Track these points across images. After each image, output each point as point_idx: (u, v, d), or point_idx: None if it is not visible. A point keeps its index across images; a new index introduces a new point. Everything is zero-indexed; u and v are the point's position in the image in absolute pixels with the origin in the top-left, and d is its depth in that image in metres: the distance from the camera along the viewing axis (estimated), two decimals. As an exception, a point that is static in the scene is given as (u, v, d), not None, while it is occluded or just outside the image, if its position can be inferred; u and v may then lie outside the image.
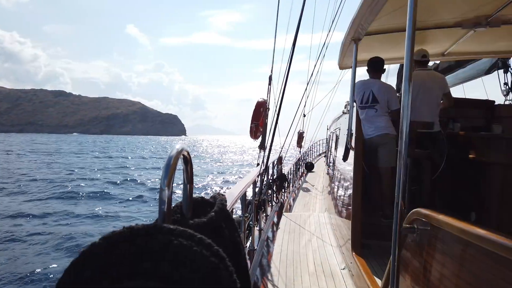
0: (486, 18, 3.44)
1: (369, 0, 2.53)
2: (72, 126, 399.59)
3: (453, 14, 3.50)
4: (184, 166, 0.88)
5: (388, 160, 3.90)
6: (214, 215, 0.89)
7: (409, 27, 1.78)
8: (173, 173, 0.80)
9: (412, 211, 1.64)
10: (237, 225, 1.04)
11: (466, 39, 4.17)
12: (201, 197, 0.99)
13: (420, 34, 4.11)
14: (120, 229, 0.59)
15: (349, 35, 3.46)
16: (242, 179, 4.25)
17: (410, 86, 1.81)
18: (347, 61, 4.44)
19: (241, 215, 3.47)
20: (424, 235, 1.59)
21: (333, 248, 4.24)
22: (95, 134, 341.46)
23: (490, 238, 1.14)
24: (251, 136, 5.32)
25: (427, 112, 4.13)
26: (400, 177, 1.79)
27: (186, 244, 0.61)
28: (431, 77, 4.29)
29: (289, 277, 3.52)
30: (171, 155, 0.81)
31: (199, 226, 0.84)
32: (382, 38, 4.00)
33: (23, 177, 26.82)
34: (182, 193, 0.92)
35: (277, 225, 5.54)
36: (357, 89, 4.06)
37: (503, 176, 3.51)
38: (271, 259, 4.01)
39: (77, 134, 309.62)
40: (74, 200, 19.11)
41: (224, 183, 27.58)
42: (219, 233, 0.90)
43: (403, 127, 1.79)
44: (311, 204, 8.12)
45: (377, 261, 3.32)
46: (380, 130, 3.97)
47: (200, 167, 42.45)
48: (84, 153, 63.96)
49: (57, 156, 54.92)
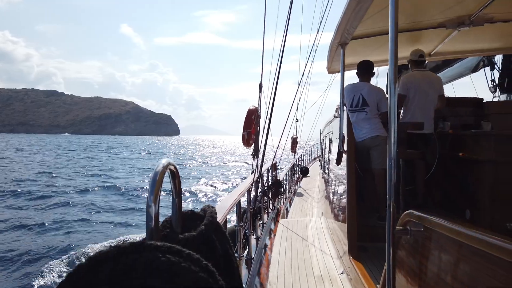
0: (469, 18, 3.50)
1: (353, 5, 2.56)
2: (64, 126, 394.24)
3: (436, 15, 3.55)
4: (171, 181, 0.88)
5: (381, 161, 3.92)
6: (203, 229, 0.88)
7: (391, 30, 1.80)
8: (159, 189, 0.79)
9: (405, 213, 1.64)
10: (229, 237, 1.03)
11: (451, 39, 4.23)
12: (190, 210, 0.99)
13: (407, 36, 4.17)
14: (106, 248, 0.59)
15: (336, 40, 3.49)
16: (236, 188, 4.23)
17: (396, 89, 1.83)
18: (335, 65, 4.48)
19: (236, 224, 3.45)
20: (417, 236, 1.59)
21: (331, 253, 4.23)
22: (87, 134, 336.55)
23: (482, 238, 1.14)
24: (244, 144, 5.31)
25: (422, 113, 4.17)
26: (391, 179, 1.80)
27: (174, 260, 0.61)
28: (428, 78, 4.33)
29: (288, 285, 3.50)
30: (157, 170, 0.81)
31: (189, 240, 0.84)
32: (369, 41, 4.04)
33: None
34: (171, 207, 0.92)
35: (274, 232, 5.53)
36: (347, 93, 4.09)
37: (494, 173, 3.53)
38: (269, 267, 3.99)
39: (67, 135, 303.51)
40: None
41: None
42: (210, 246, 0.90)
43: (391, 129, 1.81)
44: (308, 209, 8.11)
45: (375, 264, 3.32)
46: (371, 132, 3.99)
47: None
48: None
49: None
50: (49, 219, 15.45)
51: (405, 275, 1.73)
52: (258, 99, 5.45)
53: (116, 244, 0.61)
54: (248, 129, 5.20)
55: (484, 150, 3.62)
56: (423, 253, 1.54)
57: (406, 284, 1.70)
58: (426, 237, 1.52)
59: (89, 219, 15.78)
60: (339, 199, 4.50)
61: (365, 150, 4.09)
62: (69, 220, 15.36)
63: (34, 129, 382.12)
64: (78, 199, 20.42)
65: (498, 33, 4.21)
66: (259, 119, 5.37)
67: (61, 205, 18.54)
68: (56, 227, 14.36)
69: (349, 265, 3.30)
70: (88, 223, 15.24)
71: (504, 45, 4.79)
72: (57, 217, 15.92)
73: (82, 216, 16.31)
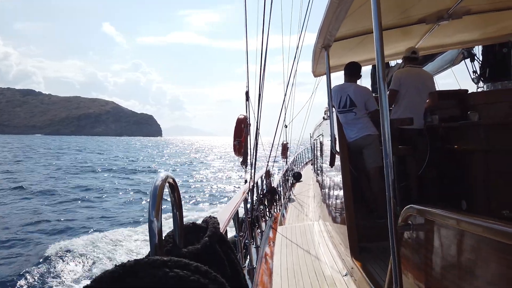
0: (447, 11, 3.56)
1: (334, 7, 2.59)
2: (40, 127, 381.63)
3: (415, 11, 3.61)
4: (170, 194, 0.86)
5: (374, 160, 3.94)
6: (207, 240, 0.87)
7: (375, 28, 1.82)
8: (160, 203, 0.77)
9: (406, 208, 1.64)
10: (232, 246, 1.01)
11: (432, 34, 4.30)
12: (192, 223, 0.97)
13: (387, 33, 4.22)
14: (112, 268, 0.57)
15: (319, 43, 3.52)
16: (232, 198, 4.20)
17: (385, 86, 1.84)
18: (320, 68, 4.51)
19: (236, 235, 3.41)
20: (420, 230, 1.59)
21: (332, 256, 4.21)
22: (65, 135, 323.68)
23: (484, 225, 1.14)
24: (235, 153, 5.31)
25: (413, 109, 4.21)
26: (389, 176, 1.80)
27: (182, 274, 0.59)
28: (421, 75, 4.39)
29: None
30: (156, 184, 0.79)
31: (193, 253, 0.82)
32: (351, 42, 4.08)
33: None
34: (173, 221, 0.89)
35: (273, 240, 5.49)
36: (334, 94, 4.11)
37: (485, 162, 3.57)
38: (271, 275, 3.95)
39: (41, 136, 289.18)
40: None
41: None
42: (215, 257, 0.88)
43: (384, 126, 1.81)
44: (304, 213, 8.10)
45: (378, 263, 3.31)
46: (362, 132, 4.01)
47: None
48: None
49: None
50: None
51: (411, 270, 1.72)
52: (246, 108, 5.45)
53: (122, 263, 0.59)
54: (239, 138, 5.20)
55: (474, 140, 3.66)
56: (427, 247, 1.54)
57: (412, 280, 1.69)
58: (428, 230, 1.52)
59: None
60: (335, 201, 4.50)
61: (358, 149, 4.10)
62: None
63: (9, 129, 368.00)
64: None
65: (477, 25, 4.29)
66: (248, 127, 5.37)
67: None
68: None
69: (352, 266, 3.28)
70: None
71: (482, 36, 4.89)
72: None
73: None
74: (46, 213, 17.54)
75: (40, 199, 21.25)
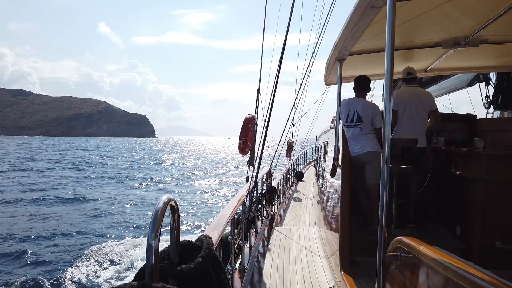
0: (464, 39, 3.57)
1: (350, 26, 2.62)
2: (30, 127, 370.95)
3: (432, 36, 3.62)
4: (171, 215, 0.92)
5: (375, 176, 3.97)
6: (201, 261, 0.93)
7: (388, 51, 1.85)
8: (160, 226, 0.83)
9: (395, 239, 1.68)
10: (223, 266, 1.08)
11: (447, 57, 4.31)
12: (188, 241, 1.03)
13: (404, 53, 4.24)
14: None
15: (333, 56, 3.55)
16: (232, 200, 4.25)
17: (391, 105, 1.88)
18: (332, 78, 4.54)
19: (230, 237, 3.47)
20: (407, 263, 1.63)
21: (322, 265, 4.27)
22: (56, 136, 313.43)
23: (472, 279, 1.13)
24: (240, 152, 5.35)
25: (413, 128, 4.25)
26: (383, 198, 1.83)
27: None
28: (417, 94, 4.41)
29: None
30: (158, 207, 0.85)
31: (186, 272, 0.88)
32: (366, 57, 4.10)
33: None
34: (170, 239, 0.96)
35: (267, 240, 5.55)
36: (342, 108, 4.15)
37: (485, 192, 3.59)
38: (262, 275, 4.03)
39: (28, 137, 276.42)
40: None
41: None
42: (206, 277, 0.94)
43: (384, 145, 1.84)
44: (302, 215, 8.14)
45: (365, 279, 3.37)
46: (365, 148, 4.05)
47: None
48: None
49: None
50: None
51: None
52: (255, 106, 5.48)
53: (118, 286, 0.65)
54: (245, 137, 5.24)
55: (476, 168, 3.68)
56: (411, 280, 1.58)
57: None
58: (415, 265, 1.55)
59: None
60: (332, 210, 4.55)
61: (360, 164, 4.14)
62: None
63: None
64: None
65: (493, 53, 4.29)
66: (255, 127, 5.40)
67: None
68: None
69: (340, 279, 3.34)
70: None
71: (498, 64, 4.88)
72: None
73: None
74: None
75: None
